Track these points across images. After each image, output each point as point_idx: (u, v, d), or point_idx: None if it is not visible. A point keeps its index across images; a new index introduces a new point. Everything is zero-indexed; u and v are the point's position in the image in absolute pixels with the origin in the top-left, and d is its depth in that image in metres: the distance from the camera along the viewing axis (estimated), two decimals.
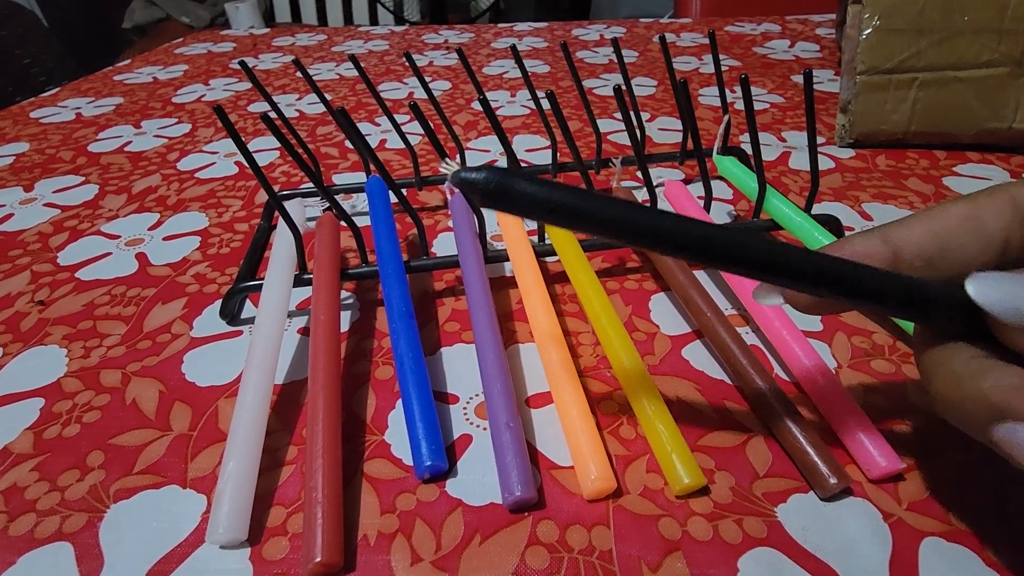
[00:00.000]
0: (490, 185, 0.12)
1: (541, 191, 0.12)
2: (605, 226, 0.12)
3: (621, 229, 0.12)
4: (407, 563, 0.16)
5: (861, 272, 0.13)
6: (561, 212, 0.12)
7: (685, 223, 0.12)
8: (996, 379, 0.12)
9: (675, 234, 0.12)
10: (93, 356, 0.24)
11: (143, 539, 0.17)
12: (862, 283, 0.13)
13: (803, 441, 0.18)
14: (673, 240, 0.12)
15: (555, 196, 0.12)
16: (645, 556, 0.16)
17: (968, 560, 0.16)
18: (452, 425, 0.20)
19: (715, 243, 0.12)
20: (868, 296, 0.13)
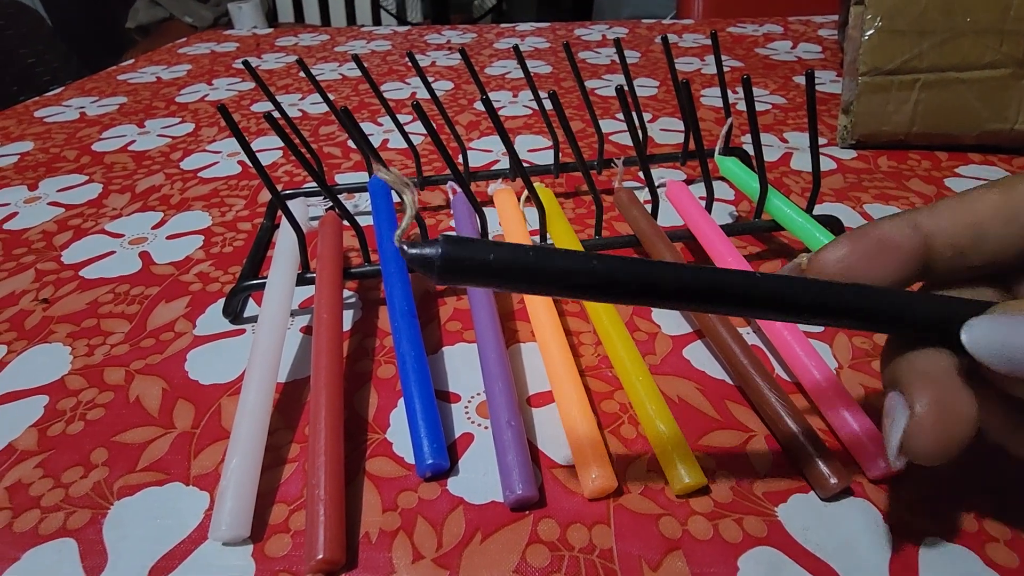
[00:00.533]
0: (444, 262, 0.11)
1: (503, 256, 0.11)
2: (581, 281, 0.11)
3: (592, 282, 0.11)
4: (408, 560, 0.16)
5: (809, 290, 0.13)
6: (529, 275, 0.11)
7: (654, 269, 0.12)
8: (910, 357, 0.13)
9: (640, 281, 0.12)
10: (97, 354, 0.24)
11: (146, 536, 0.17)
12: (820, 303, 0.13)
13: (803, 441, 0.18)
14: (636, 287, 0.12)
15: (520, 258, 0.11)
16: (645, 555, 0.16)
17: (968, 560, 0.16)
18: (454, 424, 0.20)
19: (683, 285, 0.12)
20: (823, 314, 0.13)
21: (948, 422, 0.12)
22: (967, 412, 0.13)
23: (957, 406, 0.13)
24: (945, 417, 0.13)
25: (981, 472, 0.18)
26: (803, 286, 0.13)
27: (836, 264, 0.14)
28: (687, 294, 0.12)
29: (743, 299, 0.12)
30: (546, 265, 0.11)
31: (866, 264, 0.14)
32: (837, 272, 0.14)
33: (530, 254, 0.11)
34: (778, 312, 0.13)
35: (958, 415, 0.13)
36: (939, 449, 0.13)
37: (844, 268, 0.14)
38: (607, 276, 0.11)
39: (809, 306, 0.13)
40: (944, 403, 0.13)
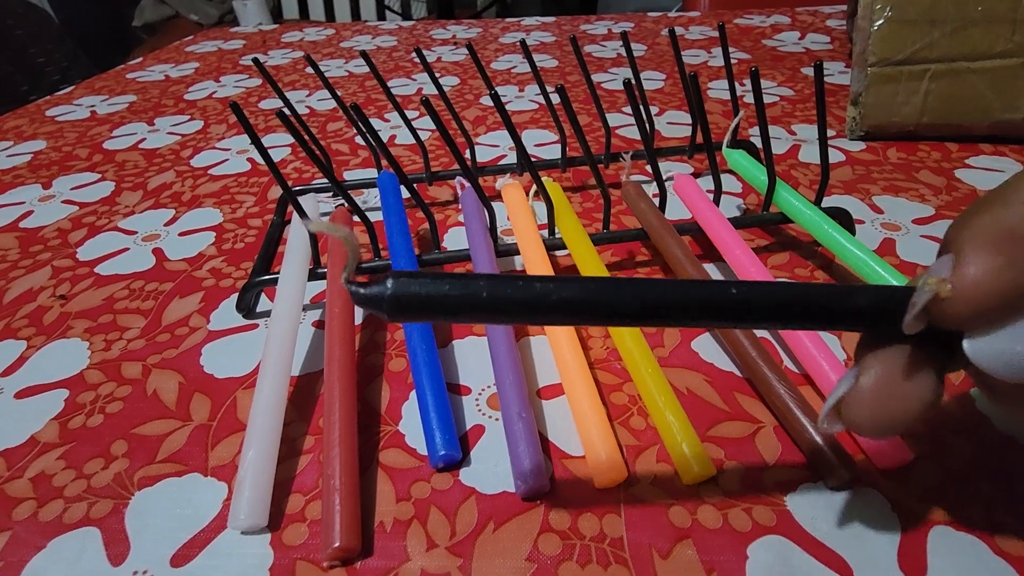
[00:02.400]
0: (392, 300, 0.10)
1: (454, 290, 0.11)
2: (537, 309, 0.11)
3: (552, 307, 0.11)
4: (423, 548, 0.17)
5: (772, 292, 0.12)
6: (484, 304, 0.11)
7: (608, 288, 0.11)
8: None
9: (598, 303, 0.11)
10: (114, 349, 0.25)
11: (167, 525, 0.18)
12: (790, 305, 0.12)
13: (812, 432, 0.18)
14: (594, 310, 0.11)
15: (471, 290, 0.11)
16: (656, 543, 0.16)
17: (977, 549, 0.16)
18: (465, 416, 0.21)
19: (640, 303, 0.11)
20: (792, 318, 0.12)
21: (888, 399, 0.13)
22: (913, 395, 0.13)
23: (902, 387, 0.13)
24: (886, 393, 0.13)
25: (991, 460, 0.18)
26: (754, 292, 0.12)
27: (996, 279, 0.11)
28: (642, 312, 0.12)
29: (698, 312, 0.12)
30: (500, 296, 0.11)
31: (1021, 273, 0.11)
32: (998, 291, 0.11)
33: (481, 284, 0.11)
34: (737, 321, 0.12)
35: (901, 395, 0.13)
36: (873, 422, 0.13)
37: (1008, 282, 0.11)
38: (564, 302, 0.11)
39: (749, 312, 0.12)
40: (888, 380, 0.13)
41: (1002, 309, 0.11)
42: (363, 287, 0.11)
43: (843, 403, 0.13)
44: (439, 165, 0.39)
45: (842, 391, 0.13)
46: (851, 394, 0.13)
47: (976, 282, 0.11)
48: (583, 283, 0.12)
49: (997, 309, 0.11)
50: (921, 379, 0.13)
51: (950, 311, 0.12)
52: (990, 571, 0.15)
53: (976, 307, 0.11)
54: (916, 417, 0.13)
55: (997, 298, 0.11)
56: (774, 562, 0.16)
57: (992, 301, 0.11)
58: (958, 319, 0.12)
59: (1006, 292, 0.11)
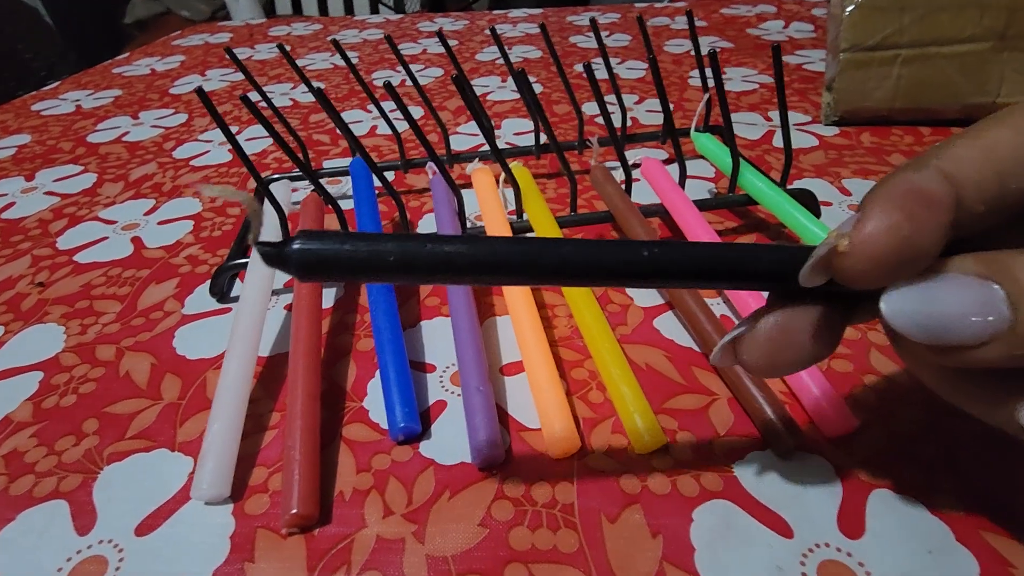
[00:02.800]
0: (299, 257, 0.10)
1: (359, 247, 0.10)
2: (439, 266, 0.11)
3: (470, 265, 0.11)
4: (379, 516, 0.17)
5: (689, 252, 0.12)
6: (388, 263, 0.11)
7: (504, 249, 0.11)
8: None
9: (489, 261, 0.11)
10: (89, 333, 0.25)
11: (133, 497, 0.18)
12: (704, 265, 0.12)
13: (763, 402, 0.19)
14: (488, 266, 0.11)
15: (378, 248, 0.11)
16: (605, 508, 0.17)
17: (915, 510, 0.16)
18: (428, 392, 0.21)
19: (522, 260, 0.11)
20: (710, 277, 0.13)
21: (780, 347, 0.13)
22: (804, 346, 0.13)
23: (795, 337, 0.13)
24: (779, 341, 0.13)
25: (932, 428, 0.19)
26: (664, 251, 0.12)
27: (891, 235, 0.11)
28: (554, 272, 0.12)
29: (608, 273, 0.12)
30: (409, 257, 0.11)
31: (919, 231, 0.11)
32: (893, 247, 0.11)
33: (390, 246, 0.11)
34: (635, 280, 0.12)
35: (792, 344, 0.13)
36: (762, 365, 0.14)
37: (903, 239, 0.11)
38: (473, 263, 0.11)
39: (659, 272, 0.12)
40: (784, 329, 0.13)
41: (900, 267, 0.11)
42: (271, 247, 0.11)
43: (738, 342, 0.14)
44: (418, 154, 0.39)
45: (739, 331, 0.14)
46: (747, 336, 0.14)
47: (873, 237, 0.11)
48: (493, 244, 0.12)
49: (895, 266, 0.11)
50: (815, 333, 0.13)
51: (847, 266, 0.12)
52: (926, 531, 0.16)
53: (871, 263, 0.11)
54: (803, 366, 0.14)
55: (894, 254, 0.11)
56: (717, 524, 0.16)
57: (888, 257, 0.11)
58: (855, 275, 0.12)
59: (902, 249, 0.11)
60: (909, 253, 0.11)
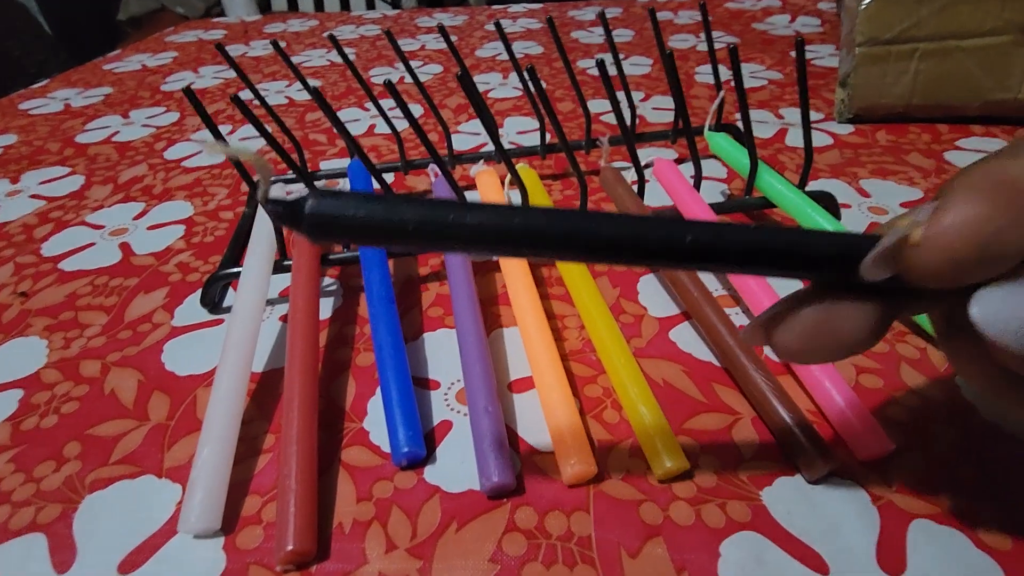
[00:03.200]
0: (312, 215, 0.10)
1: (374, 209, 0.10)
2: (472, 233, 0.10)
3: (490, 233, 0.10)
4: (381, 551, 0.16)
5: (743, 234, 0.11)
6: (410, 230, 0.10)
7: (530, 219, 0.10)
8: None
9: (511, 230, 0.10)
10: (73, 347, 0.24)
11: (117, 529, 0.17)
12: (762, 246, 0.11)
13: (790, 422, 0.18)
14: (512, 235, 0.10)
15: (393, 210, 0.10)
16: (625, 542, 0.16)
17: (958, 542, 0.15)
18: (432, 411, 0.20)
19: (557, 231, 0.10)
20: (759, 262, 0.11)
21: (819, 335, 0.12)
22: (845, 338, 0.12)
23: (839, 327, 0.12)
24: (821, 329, 0.12)
25: (973, 452, 0.17)
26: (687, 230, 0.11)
27: (975, 229, 0.10)
28: (588, 248, 0.11)
29: (647, 253, 0.11)
30: (429, 224, 0.10)
31: (1009, 226, 0.10)
32: (975, 242, 0.10)
33: (407, 210, 0.10)
34: (659, 260, 0.11)
35: (833, 334, 0.12)
36: (796, 351, 0.12)
37: (988, 235, 0.10)
38: (497, 232, 0.10)
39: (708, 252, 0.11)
40: (828, 317, 0.12)
41: (981, 266, 0.10)
42: (283, 204, 0.10)
43: (775, 322, 0.13)
44: (418, 154, 0.38)
45: (780, 309, 0.13)
46: (788, 318, 0.12)
47: (953, 229, 0.10)
48: (524, 215, 0.10)
49: (975, 265, 0.10)
50: (861, 325, 0.12)
51: (919, 260, 0.10)
52: (972, 566, 0.15)
53: (948, 259, 0.10)
54: (839, 357, 0.12)
55: (976, 251, 0.09)
56: (747, 560, 0.15)
57: (969, 254, 0.10)
58: (927, 271, 0.10)
59: (987, 246, 0.09)
60: (995, 251, 0.10)
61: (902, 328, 0.22)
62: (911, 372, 0.20)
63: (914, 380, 0.20)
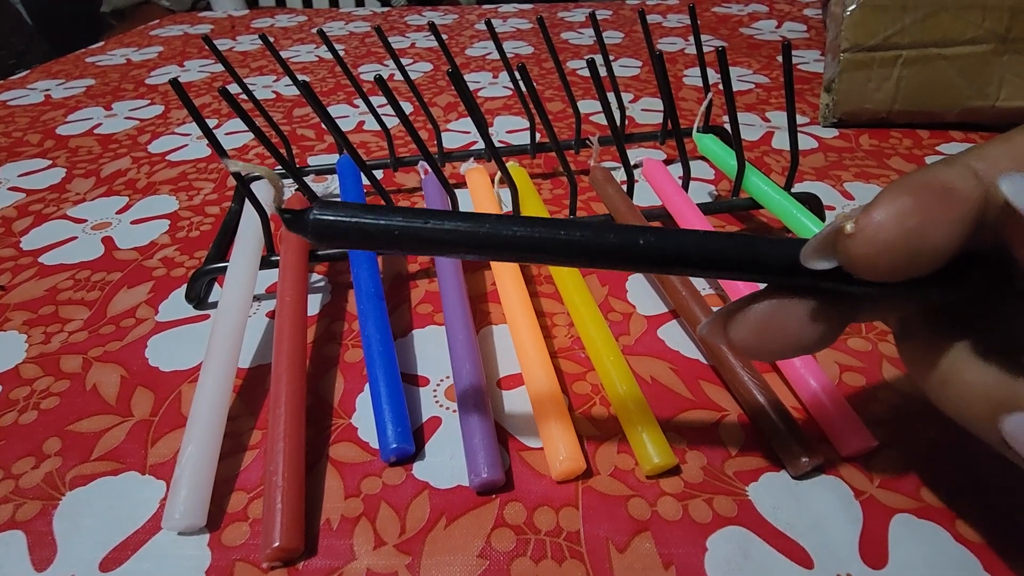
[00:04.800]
0: (318, 226, 0.11)
1: (369, 220, 0.12)
2: (468, 243, 0.12)
3: (490, 244, 0.12)
4: (370, 547, 0.16)
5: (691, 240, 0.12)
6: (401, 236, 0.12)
7: (503, 227, 0.12)
8: (993, 368, 0.11)
9: (495, 239, 0.12)
10: (54, 342, 0.23)
11: (98, 527, 0.17)
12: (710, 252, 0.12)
13: (776, 419, 0.18)
14: (496, 245, 0.12)
15: (388, 223, 0.12)
16: (613, 537, 0.16)
17: (938, 536, 0.16)
18: (421, 407, 0.20)
19: (553, 243, 0.12)
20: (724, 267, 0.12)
21: (770, 332, 0.13)
22: (794, 336, 0.13)
23: (788, 326, 0.13)
24: (771, 326, 0.13)
25: (952, 448, 0.18)
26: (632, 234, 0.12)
27: (899, 223, 0.10)
28: (554, 251, 0.12)
29: (608, 257, 0.12)
30: (412, 232, 0.12)
31: (931, 222, 0.10)
32: (900, 235, 0.10)
33: (397, 220, 0.12)
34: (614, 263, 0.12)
35: (784, 332, 0.13)
36: (748, 346, 0.13)
37: (910, 229, 0.10)
38: (475, 239, 0.12)
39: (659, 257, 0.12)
40: (778, 315, 0.13)
41: (908, 258, 0.11)
42: (292, 214, 0.12)
43: (730, 317, 0.13)
44: (408, 151, 0.37)
45: (735, 306, 0.13)
46: (740, 314, 0.13)
47: (881, 220, 0.11)
48: (495, 224, 0.12)
49: (902, 256, 0.11)
50: (809, 323, 0.13)
51: (852, 249, 0.11)
52: (951, 559, 0.15)
53: (876, 249, 0.11)
54: (792, 354, 0.13)
55: (901, 243, 0.10)
56: (733, 554, 0.15)
57: (895, 245, 0.10)
58: (859, 260, 0.11)
59: (910, 239, 0.10)
60: (917, 244, 0.10)
61: (884, 328, 0.23)
62: (893, 371, 0.21)
63: (896, 378, 0.20)
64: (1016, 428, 0.11)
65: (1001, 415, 0.11)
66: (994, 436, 0.11)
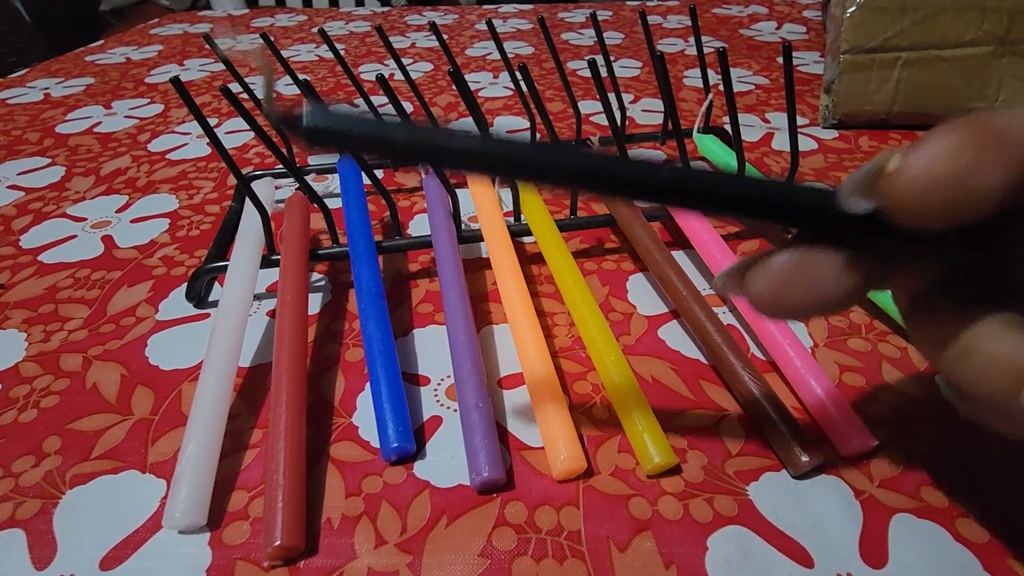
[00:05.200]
0: (309, 123, 0.11)
1: (363, 125, 0.11)
2: (465, 157, 0.11)
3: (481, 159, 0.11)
4: (371, 546, 0.16)
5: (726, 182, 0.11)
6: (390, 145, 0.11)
7: (513, 146, 0.11)
8: (1018, 338, 0.11)
9: (489, 154, 0.11)
10: (53, 340, 0.23)
11: (99, 525, 0.16)
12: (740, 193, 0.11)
13: (776, 419, 0.18)
14: (488, 159, 0.11)
15: (381, 129, 0.11)
16: (614, 536, 0.16)
17: (938, 536, 0.16)
18: (422, 407, 0.20)
19: (537, 160, 0.11)
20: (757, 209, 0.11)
21: (791, 286, 0.12)
22: (817, 292, 0.12)
23: (811, 279, 0.12)
24: (793, 279, 0.12)
25: (952, 448, 0.18)
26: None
27: (951, 158, 0.10)
28: (567, 175, 0.11)
29: (624, 187, 0.11)
30: (417, 143, 0.11)
31: (983, 161, 0.10)
32: (950, 171, 0.10)
33: (400, 131, 0.11)
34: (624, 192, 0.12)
35: (805, 285, 0.12)
36: (767, 300, 0.12)
37: (960, 167, 0.10)
38: (479, 155, 0.11)
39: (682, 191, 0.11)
40: (801, 267, 0.12)
41: (955, 202, 0.10)
42: (283, 112, 0.11)
43: (749, 270, 0.12)
44: None
45: (753, 259, 0.13)
46: (760, 264, 0.12)
47: (927, 158, 0.10)
48: (507, 145, 0.11)
49: (948, 199, 0.10)
50: (833, 280, 0.12)
51: (894, 187, 0.10)
52: (951, 559, 0.15)
53: (921, 188, 0.10)
54: (811, 313, 0.12)
55: (949, 184, 0.09)
56: (734, 553, 0.15)
57: (942, 185, 0.09)
58: (901, 200, 0.10)
59: (960, 179, 0.09)
60: (968, 185, 0.10)
61: (884, 328, 0.23)
62: (892, 371, 0.21)
63: (895, 378, 0.20)
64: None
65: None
66: (1018, 409, 0.11)
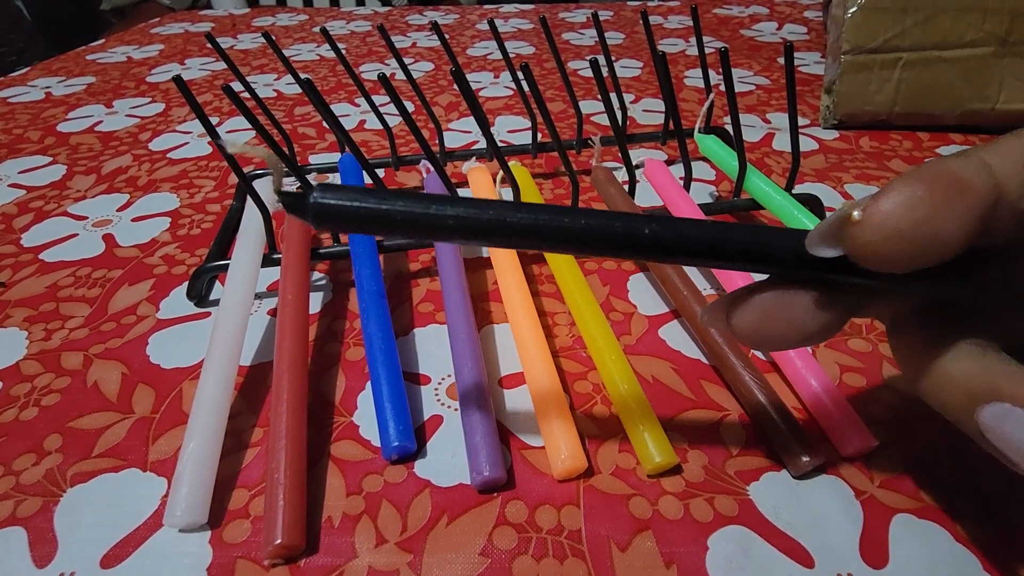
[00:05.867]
0: (317, 207, 0.11)
1: (369, 204, 0.11)
2: (468, 228, 0.12)
3: (489, 229, 0.12)
4: (371, 544, 0.16)
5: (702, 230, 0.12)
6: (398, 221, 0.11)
7: (502, 213, 0.12)
8: (975, 361, 0.12)
9: (494, 225, 0.12)
10: (54, 338, 0.23)
11: (99, 523, 0.16)
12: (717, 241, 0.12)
13: (776, 419, 0.18)
14: (491, 231, 0.12)
15: (385, 208, 0.11)
16: (614, 535, 0.16)
17: (938, 536, 0.16)
18: (423, 406, 0.20)
19: (520, 224, 0.12)
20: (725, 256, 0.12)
21: (772, 320, 0.13)
22: (797, 326, 0.13)
23: (790, 314, 0.13)
24: (773, 314, 0.13)
25: (952, 448, 0.18)
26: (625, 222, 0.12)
27: (908, 211, 0.10)
28: (555, 240, 0.12)
29: (609, 244, 0.12)
30: (412, 217, 0.11)
31: (941, 212, 0.10)
32: (908, 224, 0.10)
33: (399, 205, 0.11)
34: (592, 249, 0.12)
35: (785, 321, 0.13)
36: (749, 333, 0.13)
37: (919, 219, 0.10)
38: (475, 225, 0.12)
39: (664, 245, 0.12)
40: (781, 304, 0.13)
41: (917, 249, 0.10)
42: (292, 196, 0.11)
43: (734, 305, 0.13)
44: (409, 151, 0.37)
45: (740, 294, 0.13)
46: (743, 301, 0.13)
47: (889, 207, 0.10)
48: (496, 210, 0.12)
49: (910, 246, 0.10)
50: (812, 314, 0.13)
51: (859, 237, 0.11)
52: (952, 559, 0.15)
53: (883, 237, 0.10)
54: (794, 344, 0.13)
55: (909, 232, 0.10)
56: (734, 553, 0.15)
57: (903, 234, 0.10)
58: (866, 248, 0.11)
59: (919, 228, 0.10)
60: (926, 234, 0.10)
61: (884, 329, 0.23)
62: (893, 371, 0.21)
63: (896, 379, 0.20)
64: (991, 418, 0.11)
65: (979, 406, 0.11)
66: (972, 427, 0.12)
